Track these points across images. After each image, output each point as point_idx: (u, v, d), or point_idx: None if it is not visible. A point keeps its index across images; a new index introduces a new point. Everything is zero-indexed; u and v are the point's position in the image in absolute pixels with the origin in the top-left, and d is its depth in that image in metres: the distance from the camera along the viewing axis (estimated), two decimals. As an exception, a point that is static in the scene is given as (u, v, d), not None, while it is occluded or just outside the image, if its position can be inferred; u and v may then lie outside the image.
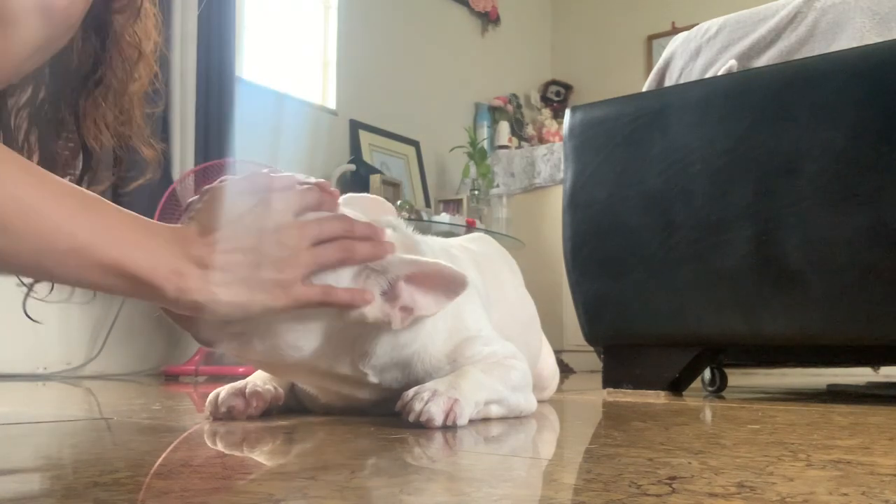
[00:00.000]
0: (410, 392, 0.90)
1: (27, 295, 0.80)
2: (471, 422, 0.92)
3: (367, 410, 1.03)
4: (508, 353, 1.06)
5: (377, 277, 0.89)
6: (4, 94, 0.76)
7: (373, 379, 0.95)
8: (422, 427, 0.86)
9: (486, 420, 0.98)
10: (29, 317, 0.81)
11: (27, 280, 0.76)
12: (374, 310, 0.88)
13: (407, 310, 0.90)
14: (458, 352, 1.01)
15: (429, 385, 0.91)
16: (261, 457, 0.70)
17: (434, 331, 0.99)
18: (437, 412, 0.87)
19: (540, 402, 1.26)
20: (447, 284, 0.92)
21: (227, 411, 0.98)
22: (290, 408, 1.07)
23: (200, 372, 2.46)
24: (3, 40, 0.63)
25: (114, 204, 0.70)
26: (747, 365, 2.25)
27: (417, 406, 0.87)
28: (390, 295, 0.89)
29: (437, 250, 1.06)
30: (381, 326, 0.90)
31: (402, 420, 0.89)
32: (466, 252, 1.20)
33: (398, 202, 3.34)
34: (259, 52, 3.49)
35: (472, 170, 4.09)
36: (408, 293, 0.90)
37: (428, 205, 3.97)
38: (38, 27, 0.65)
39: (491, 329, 1.08)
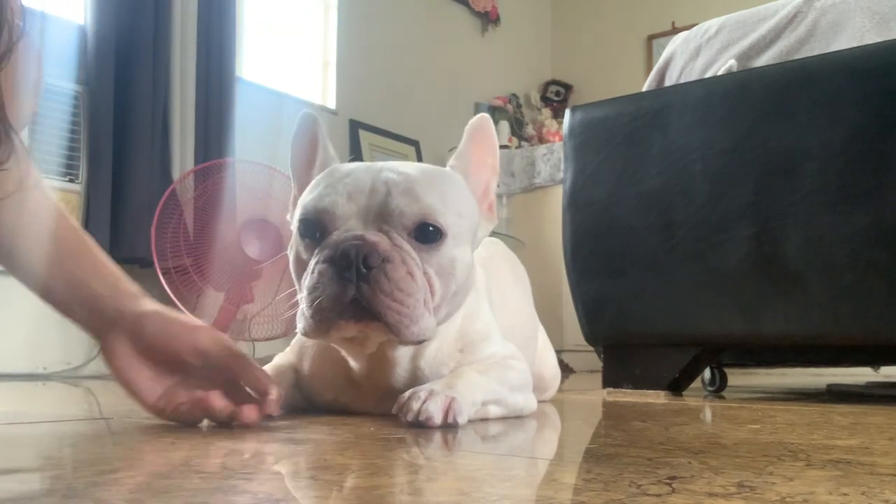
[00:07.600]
0: (407, 393, 0.92)
1: None
2: (470, 422, 0.93)
3: (368, 409, 1.03)
4: (508, 353, 1.08)
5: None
6: None
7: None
8: (421, 426, 0.86)
9: (485, 420, 0.99)
10: None
11: None
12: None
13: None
14: (462, 352, 1.03)
15: (425, 386, 0.93)
16: (261, 457, 0.70)
17: (447, 331, 1.01)
18: (435, 410, 0.87)
19: (541, 402, 1.26)
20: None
21: None
22: (291, 408, 1.07)
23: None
24: None
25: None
26: (747, 365, 2.25)
27: (415, 406, 0.88)
28: None
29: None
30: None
31: (402, 421, 0.89)
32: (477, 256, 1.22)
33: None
34: (259, 52, 3.49)
35: (472, 170, 4.08)
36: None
37: (428, 205, 3.96)
38: None
39: (497, 331, 1.10)
